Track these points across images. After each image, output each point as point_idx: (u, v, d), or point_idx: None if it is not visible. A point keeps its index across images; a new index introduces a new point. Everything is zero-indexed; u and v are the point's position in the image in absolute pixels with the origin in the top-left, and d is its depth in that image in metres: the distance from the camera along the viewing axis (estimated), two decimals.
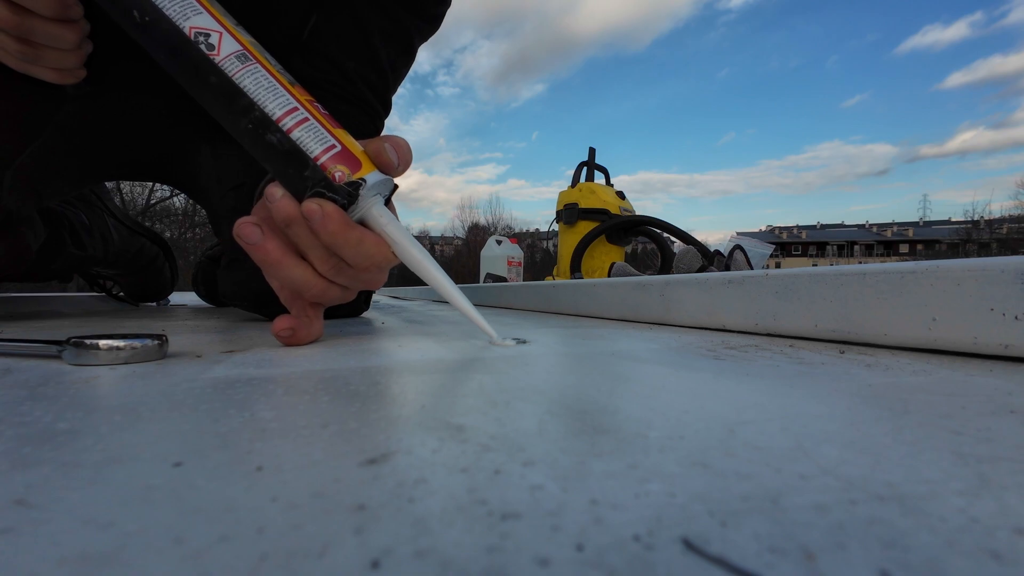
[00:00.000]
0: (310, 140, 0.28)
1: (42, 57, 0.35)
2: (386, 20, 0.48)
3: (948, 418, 0.14)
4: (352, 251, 0.29)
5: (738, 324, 0.38)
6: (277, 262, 0.29)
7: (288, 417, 0.15)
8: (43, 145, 0.51)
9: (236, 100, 0.27)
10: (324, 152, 0.28)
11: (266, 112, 0.27)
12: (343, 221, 0.28)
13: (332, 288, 0.31)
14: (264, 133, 0.27)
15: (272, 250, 0.29)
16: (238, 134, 0.28)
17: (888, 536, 0.08)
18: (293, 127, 0.27)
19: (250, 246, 0.29)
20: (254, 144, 0.28)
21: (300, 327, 0.32)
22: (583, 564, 0.07)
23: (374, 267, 0.30)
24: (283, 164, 0.28)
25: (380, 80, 0.49)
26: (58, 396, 0.18)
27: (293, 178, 0.28)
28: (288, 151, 0.27)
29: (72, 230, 0.70)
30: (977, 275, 0.24)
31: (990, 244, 22.87)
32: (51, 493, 0.10)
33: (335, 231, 0.28)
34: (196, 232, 9.39)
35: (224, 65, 0.27)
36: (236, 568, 0.07)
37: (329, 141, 0.28)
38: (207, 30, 0.27)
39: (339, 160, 0.28)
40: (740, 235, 3.67)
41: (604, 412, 0.15)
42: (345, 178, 0.28)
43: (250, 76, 0.27)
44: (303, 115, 0.28)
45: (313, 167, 0.27)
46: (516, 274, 2.33)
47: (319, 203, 0.27)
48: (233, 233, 0.29)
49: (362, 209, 0.29)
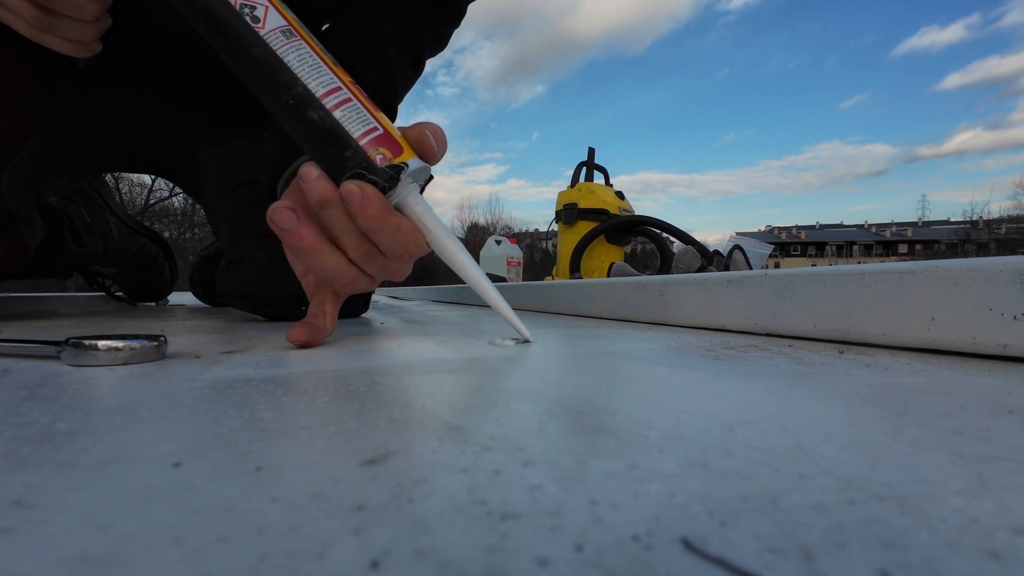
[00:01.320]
0: (353, 120, 0.27)
1: (58, 26, 0.34)
2: (401, 32, 0.48)
3: (947, 418, 0.14)
4: (389, 238, 0.28)
5: (737, 324, 0.38)
6: (312, 249, 0.28)
7: (287, 417, 0.15)
8: (44, 145, 0.51)
9: (278, 75, 0.26)
10: (366, 134, 0.27)
11: (309, 89, 0.26)
12: (382, 205, 0.27)
13: (362, 277, 0.30)
14: (306, 110, 0.26)
15: (307, 236, 0.28)
16: (277, 110, 0.27)
17: (887, 536, 0.08)
18: (336, 106, 0.27)
19: (284, 232, 0.28)
20: (294, 121, 0.27)
21: (315, 336, 0.31)
22: (583, 564, 0.07)
23: (407, 255, 0.29)
24: (323, 143, 0.27)
25: (388, 87, 0.49)
26: (57, 397, 0.18)
27: (333, 158, 0.27)
28: (329, 129, 0.27)
29: (73, 228, 0.70)
30: (976, 275, 0.24)
31: (989, 244, 22.90)
32: (50, 494, 0.10)
33: (374, 215, 0.27)
34: (195, 232, 9.38)
35: (269, 39, 0.26)
36: (235, 568, 0.07)
37: (371, 123, 0.27)
38: (253, 2, 0.26)
39: (381, 143, 0.27)
40: (739, 235, 3.68)
41: (604, 412, 0.15)
42: (387, 161, 0.27)
43: (294, 52, 0.27)
44: (346, 95, 0.27)
45: (355, 147, 0.27)
46: (515, 274, 2.33)
47: (359, 185, 0.26)
48: (267, 218, 0.28)
49: (399, 195, 0.28)
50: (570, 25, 64.80)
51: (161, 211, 9.29)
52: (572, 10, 65.85)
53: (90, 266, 0.81)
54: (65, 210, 0.70)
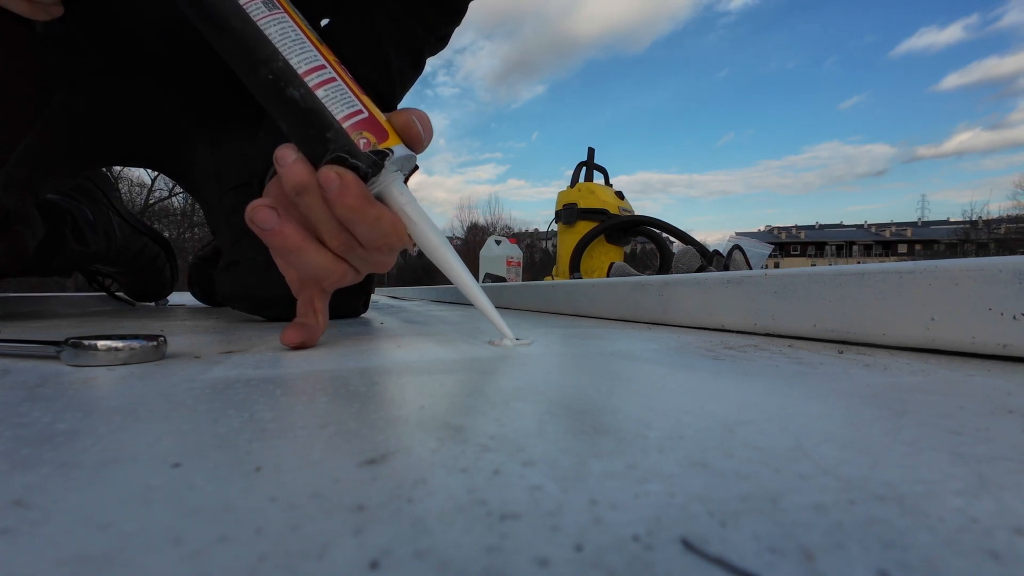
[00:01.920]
0: (336, 101, 0.25)
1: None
2: (400, 32, 0.48)
3: (947, 418, 0.14)
4: (367, 228, 0.26)
5: (737, 324, 0.38)
6: (296, 248, 0.27)
7: (287, 418, 0.15)
8: (42, 144, 0.51)
9: (258, 47, 0.25)
10: (350, 116, 0.25)
11: (290, 64, 0.25)
12: (362, 194, 0.25)
13: (350, 272, 0.29)
14: (285, 87, 0.25)
15: (290, 235, 0.26)
16: (255, 86, 0.26)
17: (887, 536, 0.08)
18: (318, 85, 0.25)
19: (265, 232, 0.26)
20: (272, 98, 0.26)
21: (310, 336, 0.30)
22: (582, 564, 0.07)
23: (387, 248, 0.28)
24: (303, 123, 0.25)
25: (387, 87, 0.49)
26: (57, 397, 0.18)
27: (313, 140, 0.25)
28: (310, 109, 0.25)
29: (75, 226, 0.70)
30: (975, 275, 0.24)
31: (988, 244, 22.91)
32: (50, 494, 0.10)
33: (352, 205, 0.25)
34: (195, 232, 9.38)
35: (249, 8, 0.25)
36: (235, 569, 0.07)
37: (356, 105, 0.26)
38: None
39: (365, 126, 0.26)
40: (739, 235, 3.68)
41: (603, 412, 0.15)
42: (371, 146, 0.25)
43: (276, 25, 0.25)
44: (330, 74, 0.26)
45: (337, 129, 0.25)
46: (515, 274, 2.33)
47: (338, 171, 0.25)
48: (246, 218, 0.26)
49: (381, 184, 0.27)
50: (570, 25, 64.48)
51: (161, 211, 9.29)
52: (572, 10, 65.47)
53: (91, 265, 0.81)
54: (69, 208, 0.69)
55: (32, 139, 0.45)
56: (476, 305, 0.29)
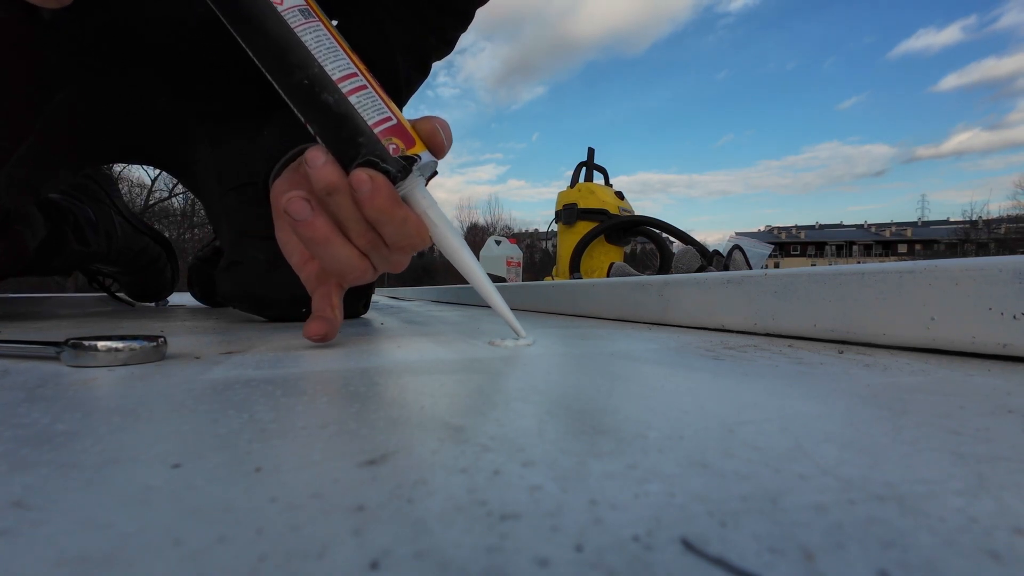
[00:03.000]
0: (367, 108, 0.27)
1: None
2: (408, 37, 0.48)
3: (947, 418, 0.14)
4: (394, 229, 0.28)
5: (737, 324, 0.38)
6: (325, 240, 0.28)
7: (287, 418, 0.15)
8: (43, 143, 0.51)
9: (293, 53, 0.26)
10: (381, 122, 0.27)
11: (325, 71, 0.26)
12: (392, 196, 0.27)
13: (370, 269, 0.30)
14: (320, 92, 0.26)
15: (320, 226, 0.27)
16: (289, 88, 0.27)
17: (887, 536, 0.08)
18: (352, 91, 0.26)
19: (298, 222, 0.27)
20: (306, 103, 0.27)
21: (331, 329, 0.31)
22: (582, 564, 0.07)
23: (410, 248, 0.29)
24: (335, 127, 0.26)
25: (395, 92, 0.49)
26: (56, 397, 0.18)
27: (345, 143, 0.27)
28: (343, 114, 0.26)
29: (76, 225, 0.70)
30: (975, 275, 0.24)
31: (988, 244, 22.91)
32: (49, 495, 0.10)
33: (382, 206, 0.26)
34: (195, 232, 9.38)
35: (287, 15, 0.26)
36: (235, 569, 0.07)
37: (386, 112, 0.27)
38: None
39: (394, 133, 0.27)
40: (739, 235, 3.68)
41: (603, 412, 0.15)
42: (399, 152, 0.27)
43: (312, 32, 0.26)
44: (362, 81, 0.27)
45: (368, 134, 0.26)
46: (515, 274, 2.33)
47: (370, 174, 0.26)
48: (282, 207, 0.27)
49: (406, 187, 0.28)
50: (570, 27, 64.60)
51: (161, 211, 9.29)
52: (572, 12, 65.59)
53: (92, 264, 0.81)
54: (70, 207, 0.69)
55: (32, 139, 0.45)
56: (492, 306, 0.31)
